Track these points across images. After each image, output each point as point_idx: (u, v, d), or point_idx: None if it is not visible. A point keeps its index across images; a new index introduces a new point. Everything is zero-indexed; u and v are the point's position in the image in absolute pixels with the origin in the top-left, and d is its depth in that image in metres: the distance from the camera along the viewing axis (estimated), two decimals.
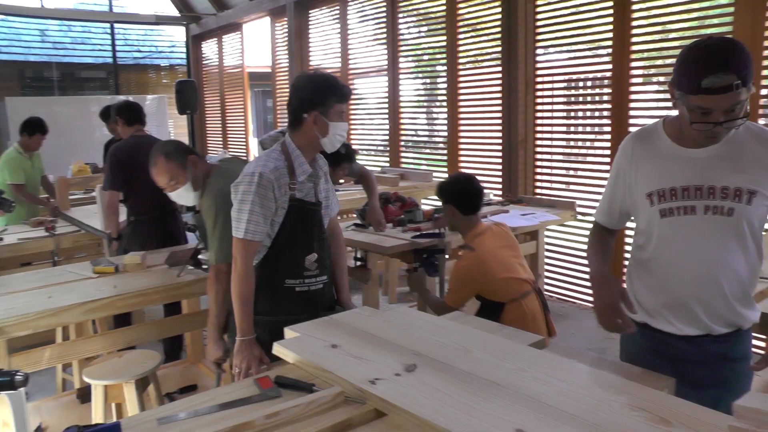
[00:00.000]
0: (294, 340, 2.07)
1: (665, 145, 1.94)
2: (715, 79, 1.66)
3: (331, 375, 1.79)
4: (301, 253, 2.51)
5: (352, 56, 8.28)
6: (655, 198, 1.93)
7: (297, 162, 2.47)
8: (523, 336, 2.28)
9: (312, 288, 2.54)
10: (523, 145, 5.86)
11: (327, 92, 2.45)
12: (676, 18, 4.97)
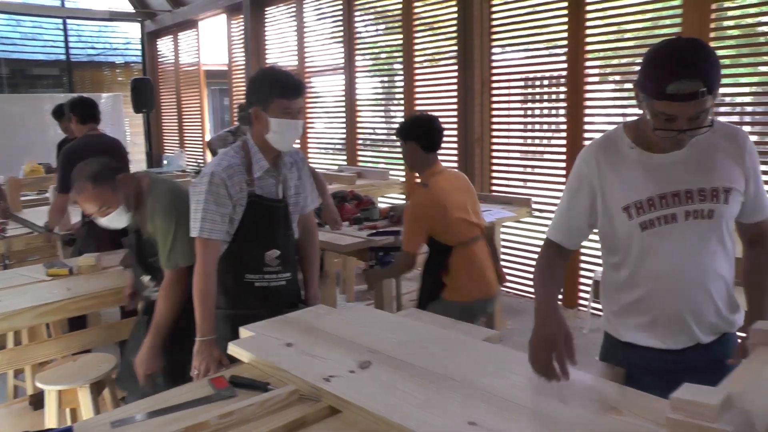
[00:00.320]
0: (249, 340, 2.08)
1: (631, 153, 1.83)
2: (680, 85, 1.57)
3: (286, 373, 1.80)
4: (262, 249, 2.50)
5: (309, 54, 8.26)
6: (633, 211, 1.81)
7: (255, 158, 2.46)
8: (478, 331, 2.32)
9: (272, 284, 2.54)
10: (479, 143, 5.92)
11: (268, 87, 2.41)
12: (630, 18, 5.08)
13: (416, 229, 3.25)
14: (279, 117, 2.41)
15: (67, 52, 12.80)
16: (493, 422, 1.49)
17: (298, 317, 2.28)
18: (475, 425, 1.48)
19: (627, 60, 5.21)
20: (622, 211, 1.82)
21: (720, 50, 4.58)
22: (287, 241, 2.59)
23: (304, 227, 2.74)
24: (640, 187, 1.79)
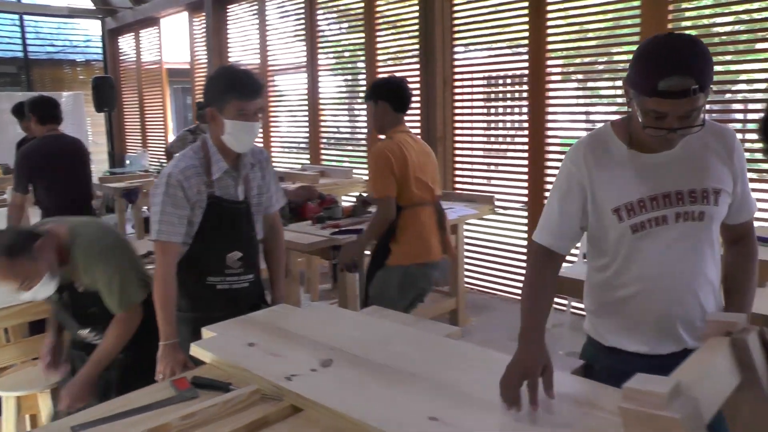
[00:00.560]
0: (211, 340, 2.07)
1: (621, 152, 1.76)
2: (671, 82, 1.51)
3: (248, 373, 1.80)
4: (223, 251, 2.48)
5: (272, 53, 8.22)
6: (624, 213, 1.74)
7: (213, 159, 2.43)
8: (440, 327, 2.34)
9: (235, 286, 2.51)
10: (441, 141, 5.96)
11: (224, 88, 2.36)
12: (592, 18, 5.16)
13: (384, 173, 3.29)
14: (234, 119, 2.36)
15: (25, 49, 12.53)
16: (454, 417, 1.52)
17: (260, 317, 2.28)
18: (436, 420, 1.50)
19: (589, 59, 5.30)
20: (612, 213, 1.75)
21: None
22: (250, 243, 2.56)
23: (269, 227, 2.71)
24: (631, 188, 1.74)
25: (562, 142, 5.59)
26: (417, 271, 3.38)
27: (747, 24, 4.37)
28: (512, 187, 5.67)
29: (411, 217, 3.33)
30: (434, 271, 3.47)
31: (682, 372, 1.11)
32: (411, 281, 3.39)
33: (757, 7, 4.30)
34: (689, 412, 0.99)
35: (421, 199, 3.37)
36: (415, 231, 3.34)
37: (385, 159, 3.30)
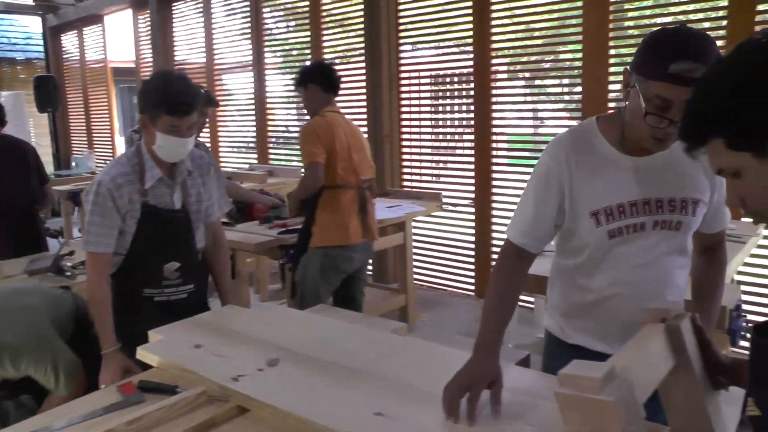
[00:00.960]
0: (157, 343, 2.07)
1: (606, 152, 1.69)
2: (683, 65, 1.44)
3: (194, 375, 1.80)
4: (160, 261, 2.41)
5: (218, 51, 8.14)
6: (603, 217, 1.68)
7: (147, 166, 2.36)
8: (386, 324, 2.38)
9: (173, 298, 2.45)
10: (389, 139, 6.00)
11: (156, 101, 2.29)
12: (537, 18, 5.27)
13: (313, 141, 3.39)
14: (165, 133, 2.30)
15: None
16: (399, 411, 1.55)
17: (207, 318, 2.28)
18: (382, 415, 1.53)
19: (536, 58, 5.41)
20: (590, 217, 1.69)
21: (621, 48, 4.82)
22: (189, 252, 2.49)
23: (211, 236, 2.64)
24: (612, 192, 1.68)
25: (509, 139, 5.70)
26: (336, 253, 3.46)
27: (686, 23, 4.52)
28: (460, 184, 5.75)
29: (330, 199, 3.42)
30: (354, 253, 3.54)
31: (617, 358, 1.14)
32: (331, 263, 3.44)
33: (693, 8, 4.45)
34: (623, 395, 1.03)
35: (343, 181, 3.47)
36: (334, 213, 3.42)
37: (314, 132, 3.43)
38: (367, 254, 3.72)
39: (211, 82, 8.06)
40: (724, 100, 1.02)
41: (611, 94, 4.75)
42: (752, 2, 4.01)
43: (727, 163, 1.06)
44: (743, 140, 1.01)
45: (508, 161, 5.68)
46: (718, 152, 1.05)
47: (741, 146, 1.02)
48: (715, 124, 1.04)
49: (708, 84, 1.07)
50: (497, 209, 5.49)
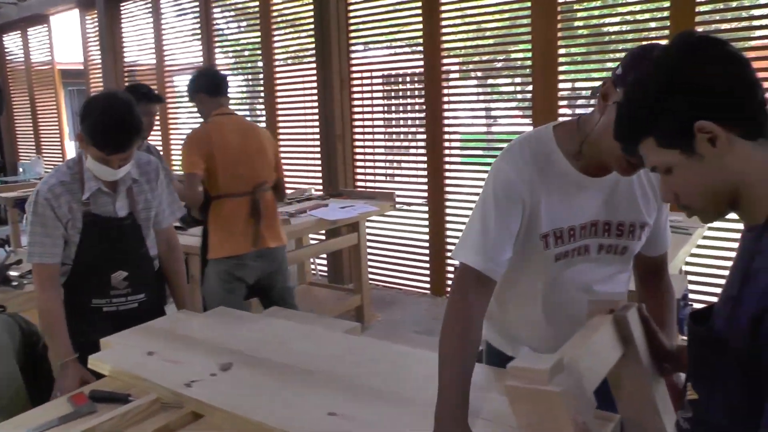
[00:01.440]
0: (109, 352, 2.05)
1: (563, 170, 1.54)
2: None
3: (147, 382, 1.80)
4: (107, 271, 2.37)
5: (168, 52, 8.03)
6: (552, 240, 1.57)
7: (86, 176, 2.30)
8: (340, 324, 2.40)
9: (122, 308, 2.41)
10: (341, 139, 6.01)
11: (89, 130, 2.20)
12: (488, 18, 5.35)
13: (191, 151, 3.26)
14: (96, 160, 2.24)
15: None
16: (353, 410, 1.58)
17: (160, 324, 2.27)
18: (335, 415, 1.56)
19: (488, 57, 5.48)
20: (539, 239, 1.57)
21: (571, 48, 4.92)
22: (139, 261, 2.44)
23: (164, 243, 2.60)
24: (564, 213, 1.56)
25: (462, 138, 5.77)
26: (230, 264, 3.32)
27: (632, 24, 4.65)
28: (413, 183, 5.80)
29: (217, 209, 3.28)
30: (250, 262, 3.37)
31: (566, 349, 1.17)
32: (228, 274, 3.32)
33: (639, 9, 4.58)
34: (571, 386, 1.06)
35: (228, 190, 3.31)
36: (221, 223, 3.30)
37: (191, 141, 3.30)
38: (268, 262, 3.46)
39: (162, 83, 7.95)
40: (652, 101, 1.07)
41: (561, 92, 4.86)
42: (692, 2, 4.14)
43: (659, 161, 1.11)
44: (671, 139, 1.07)
45: (461, 160, 5.75)
46: (650, 151, 1.11)
47: (670, 145, 1.07)
48: (645, 125, 1.10)
49: (638, 86, 1.12)
50: (451, 207, 5.56)
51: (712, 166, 1.05)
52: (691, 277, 4.21)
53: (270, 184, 3.49)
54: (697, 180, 1.08)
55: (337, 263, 6.13)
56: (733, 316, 1.01)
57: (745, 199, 1.06)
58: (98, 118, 2.19)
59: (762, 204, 1.05)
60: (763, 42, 4.18)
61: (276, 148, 3.62)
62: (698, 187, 1.09)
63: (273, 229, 3.45)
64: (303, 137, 6.56)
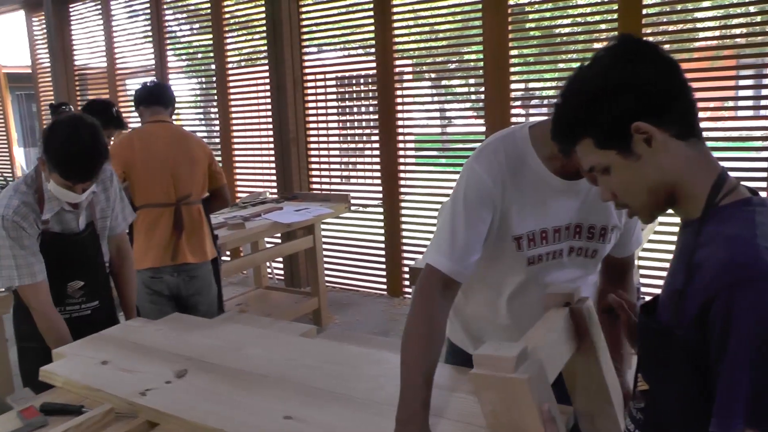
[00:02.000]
0: (62, 363, 2.02)
1: (538, 172, 1.52)
2: None
3: (101, 392, 1.78)
4: (63, 281, 2.35)
5: (120, 54, 7.90)
6: (525, 242, 1.56)
7: (46, 196, 2.27)
8: (295, 327, 2.42)
9: (74, 315, 2.40)
10: (294, 142, 6.00)
11: (54, 158, 2.16)
12: (441, 20, 5.40)
13: (113, 161, 3.11)
14: (58, 185, 2.20)
15: None
16: (308, 413, 1.59)
17: (114, 333, 2.25)
18: (291, 419, 1.57)
19: (441, 59, 5.54)
20: (512, 240, 1.56)
21: (523, 49, 5.00)
22: (95, 270, 2.45)
23: (115, 249, 2.59)
24: (537, 216, 1.55)
25: (417, 139, 5.82)
26: (149, 276, 3.24)
27: (582, 26, 4.75)
28: (368, 184, 5.84)
29: (140, 218, 3.17)
30: (167, 276, 3.27)
31: (528, 338, 1.19)
32: (148, 286, 3.25)
33: (590, 11, 4.69)
34: (535, 374, 1.07)
35: (150, 201, 3.23)
36: (139, 235, 3.23)
37: (112, 148, 3.19)
38: (189, 278, 3.34)
39: (114, 87, 7.83)
40: (589, 103, 1.11)
41: (513, 93, 4.94)
42: (640, 5, 4.26)
43: (597, 161, 1.14)
44: (609, 140, 1.11)
45: (416, 161, 5.80)
46: (587, 151, 1.15)
47: (607, 146, 1.11)
48: (582, 126, 1.13)
49: (572, 89, 1.15)
50: (406, 208, 5.60)
51: (649, 166, 1.09)
52: (643, 270, 4.33)
53: (197, 197, 3.40)
54: (635, 179, 1.12)
55: (293, 267, 6.13)
56: (680, 308, 1.05)
57: (681, 196, 1.11)
58: (62, 146, 2.14)
59: (697, 200, 1.09)
60: (707, 43, 4.32)
61: (212, 158, 3.50)
62: (636, 187, 1.12)
63: (196, 244, 3.34)
64: (257, 140, 6.53)
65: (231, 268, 4.74)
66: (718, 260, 0.99)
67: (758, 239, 0.98)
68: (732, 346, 0.94)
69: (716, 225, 1.05)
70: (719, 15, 4.27)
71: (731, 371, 0.94)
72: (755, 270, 0.95)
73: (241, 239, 4.37)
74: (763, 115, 4.12)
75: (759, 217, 1.04)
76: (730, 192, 1.08)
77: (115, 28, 7.86)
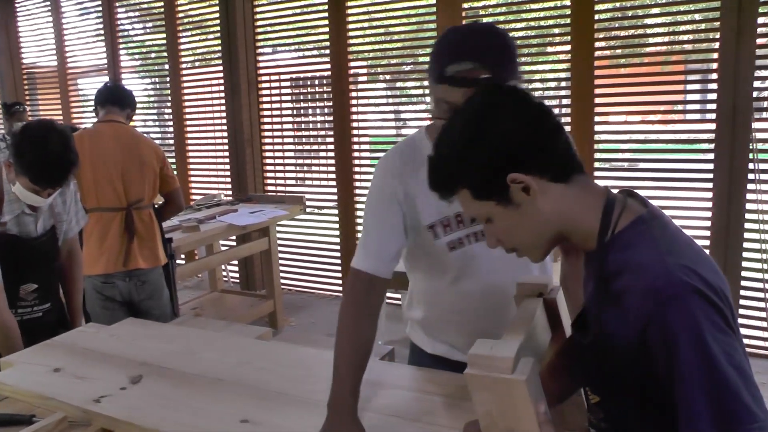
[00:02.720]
0: (11, 371, 1.98)
1: None
2: (459, 67, 1.39)
3: (53, 401, 1.75)
4: (16, 284, 2.34)
5: (70, 53, 7.73)
6: (440, 229, 1.61)
7: (7, 197, 2.28)
8: (250, 330, 2.42)
9: (26, 317, 2.41)
10: (249, 143, 5.99)
11: (24, 163, 2.18)
12: (396, 22, 5.43)
13: None
14: (26, 189, 2.22)
15: None
16: (264, 416, 1.60)
17: (65, 340, 2.22)
18: (247, 422, 1.58)
19: (396, 60, 5.58)
20: (427, 230, 1.61)
21: None
22: (48, 273, 2.45)
23: (66, 252, 2.60)
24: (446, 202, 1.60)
25: (372, 140, 5.85)
26: (99, 282, 3.21)
27: (536, 30, 4.84)
28: (323, 186, 5.85)
29: (90, 223, 3.12)
30: (119, 281, 3.25)
31: (512, 334, 1.16)
32: (99, 292, 3.22)
33: (543, 15, 4.77)
34: (532, 373, 1.05)
35: (99, 204, 3.20)
36: (94, 239, 3.20)
37: None
38: (140, 284, 3.31)
39: (65, 86, 7.66)
40: (459, 157, 1.11)
41: None
42: (591, 10, 4.37)
43: (477, 212, 1.16)
44: (485, 192, 1.12)
45: (371, 162, 5.83)
46: (467, 202, 1.15)
47: (485, 197, 1.12)
48: (456, 179, 1.14)
49: (444, 140, 1.15)
50: (361, 210, 5.62)
51: (530, 212, 1.11)
52: None
53: (149, 201, 3.36)
54: (518, 226, 1.13)
55: (248, 269, 6.11)
56: (608, 332, 1.07)
57: (571, 233, 1.13)
58: (34, 153, 2.17)
59: (588, 234, 1.11)
60: (657, 49, 4.45)
61: (164, 161, 3.45)
62: (520, 233, 1.15)
63: (148, 249, 3.32)
64: (211, 141, 6.48)
65: (186, 272, 4.71)
66: (637, 290, 1.01)
67: (666, 258, 1.00)
68: (679, 366, 0.96)
69: (621, 252, 1.06)
70: (668, 22, 4.39)
71: (685, 390, 0.96)
72: (671, 288, 0.97)
73: (195, 242, 4.35)
74: (710, 118, 4.25)
75: (657, 231, 1.06)
76: (622, 211, 1.09)
77: (65, 25, 7.69)
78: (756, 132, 4.01)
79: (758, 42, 4.00)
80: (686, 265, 0.99)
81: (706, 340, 0.95)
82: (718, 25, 4.06)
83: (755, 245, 4.12)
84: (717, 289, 0.99)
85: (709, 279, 0.99)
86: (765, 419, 0.94)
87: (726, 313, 0.98)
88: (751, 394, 0.95)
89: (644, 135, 4.53)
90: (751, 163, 4.06)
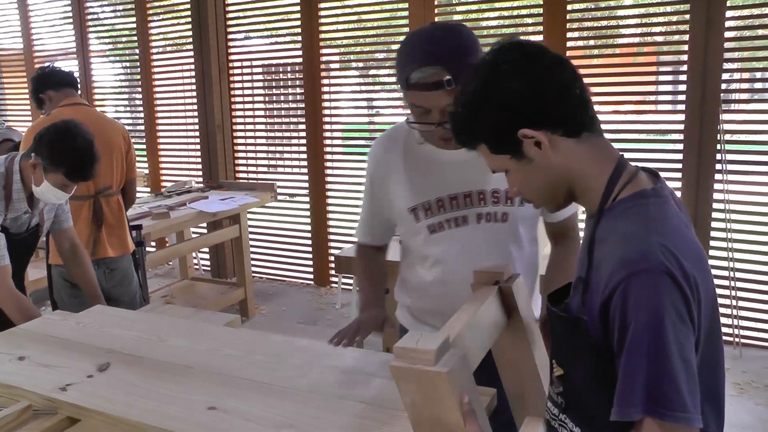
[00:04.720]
0: None
1: (420, 149, 1.69)
2: (421, 73, 1.46)
3: (17, 390, 1.72)
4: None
5: (37, 36, 7.57)
6: (421, 213, 1.69)
7: (15, 197, 2.36)
8: (219, 317, 2.41)
9: None
10: (220, 130, 5.94)
11: (58, 158, 2.31)
12: (368, 9, 5.42)
13: (24, 145, 3.06)
14: (55, 186, 2.33)
15: None
16: (233, 403, 1.60)
17: (31, 327, 2.19)
18: (215, 409, 1.57)
19: (370, 48, 5.56)
20: (408, 213, 1.71)
21: None
22: (21, 267, 2.51)
23: (69, 244, 2.66)
24: (429, 186, 1.68)
25: (344, 128, 5.83)
26: (66, 270, 3.07)
27: (509, 20, 4.85)
28: (294, 173, 5.83)
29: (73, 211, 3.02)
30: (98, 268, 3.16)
31: (451, 326, 1.19)
32: (66, 281, 3.13)
33: (516, 5, 4.78)
34: (456, 366, 1.07)
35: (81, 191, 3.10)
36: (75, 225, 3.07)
37: (27, 134, 3.11)
38: (109, 272, 3.27)
39: (31, 70, 7.49)
40: (474, 114, 1.16)
41: None
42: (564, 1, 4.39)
43: (495, 165, 1.22)
44: (500, 147, 1.17)
45: (343, 150, 5.81)
46: (486, 155, 1.21)
47: (501, 151, 1.17)
48: (473, 135, 1.19)
49: (461, 99, 1.19)
50: (332, 197, 5.62)
51: (543, 167, 1.15)
52: None
53: (116, 189, 3.30)
54: (532, 180, 1.18)
55: (219, 257, 6.07)
56: (585, 299, 1.09)
57: (579, 191, 1.17)
58: (69, 146, 2.33)
59: (594, 194, 1.14)
60: (629, 40, 4.49)
61: (129, 145, 3.38)
62: (534, 186, 1.19)
63: (116, 237, 3.28)
64: (182, 128, 6.41)
65: (156, 259, 4.67)
66: (615, 258, 1.03)
67: (651, 235, 1.02)
68: (629, 337, 0.98)
69: (612, 221, 1.09)
70: (640, 13, 4.44)
71: (629, 361, 0.98)
72: (645, 263, 0.99)
73: (166, 229, 4.31)
74: (680, 109, 4.31)
75: (652, 209, 1.08)
76: (629, 182, 1.12)
77: (31, 7, 7.52)
78: (724, 123, 4.08)
79: (726, 35, 4.06)
80: (667, 246, 1.00)
81: (663, 324, 0.96)
82: (688, 18, 4.11)
83: (722, 234, 4.19)
84: (691, 278, 1.00)
85: (686, 266, 1.00)
86: (695, 415, 0.96)
87: (692, 304, 1.00)
88: (690, 389, 0.97)
89: (616, 125, 4.57)
90: (718, 153, 4.13)
